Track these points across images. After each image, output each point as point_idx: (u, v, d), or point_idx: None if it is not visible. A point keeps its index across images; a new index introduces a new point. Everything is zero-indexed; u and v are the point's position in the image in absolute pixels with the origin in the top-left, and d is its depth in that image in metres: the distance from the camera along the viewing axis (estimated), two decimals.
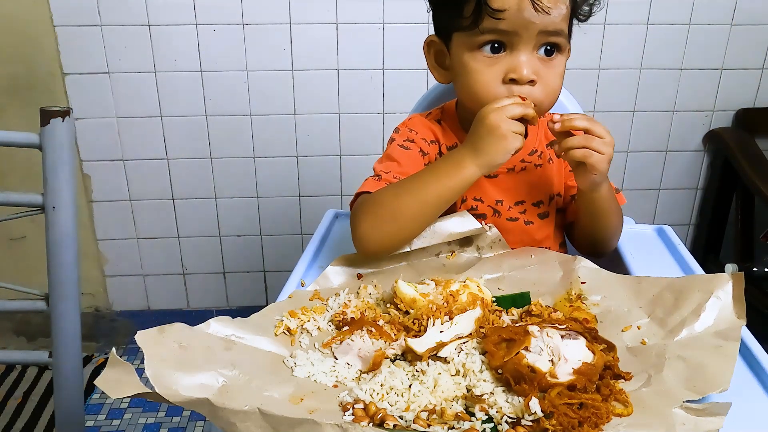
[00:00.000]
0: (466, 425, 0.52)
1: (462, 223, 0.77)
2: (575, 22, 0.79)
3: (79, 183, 1.66)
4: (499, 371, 0.57)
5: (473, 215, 0.81)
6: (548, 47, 0.74)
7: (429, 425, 0.52)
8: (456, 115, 0.86)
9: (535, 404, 0.52)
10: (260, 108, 1.63)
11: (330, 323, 0.68)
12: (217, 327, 0.62)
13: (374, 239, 0.74)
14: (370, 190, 0.77)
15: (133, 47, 1.54)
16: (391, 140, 0.85)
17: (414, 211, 0.74)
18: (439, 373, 0.58)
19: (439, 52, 0.82)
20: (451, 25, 0.76)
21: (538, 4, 0.70)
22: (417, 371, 0.59)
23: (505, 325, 0.65)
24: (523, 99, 0.73)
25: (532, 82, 0.74)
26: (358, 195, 0.79)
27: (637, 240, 0.90)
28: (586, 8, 0.78)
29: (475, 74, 0.75)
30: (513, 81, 0.74)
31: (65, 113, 0.83)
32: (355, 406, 0.53)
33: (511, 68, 0.73)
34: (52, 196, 0.86)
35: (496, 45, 0.74)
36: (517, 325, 0.63)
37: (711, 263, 1.78)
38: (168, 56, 1.56)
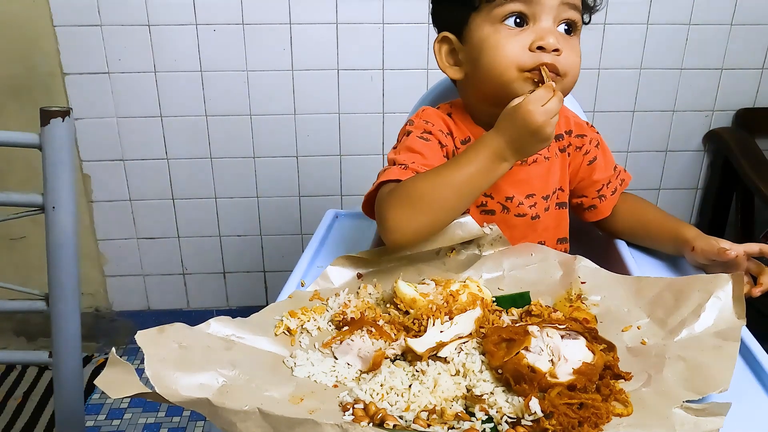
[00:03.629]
0: (466, 425, 0.52)
1: (463, 228, 0.76)
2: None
3: (79, 183, 1.66)
4: (499, 371, 0.57)
5: (482, 211, 0.81)
6: (566, 26, 0.76)
7: (429, 425, 0.52)
8: (466, 112, 0.85)
9: (535, 404, 0.52)
10: (260, 108, 1.63)
11: (330, 323, 0.68)
12: (217, 327, 0.62)
13: (408, 229, 0.72)
14: (400, 178, 0.75)
15: (133, 47, 1.54)
16: (407, 132, 0.82)
17: (452, 202, 0.72)
18: (439, 373, 0.58)
19: (451, 50, 0.81)
20: (467, 9, 0.76)
21: None
22: (417, 371, 0.59)
23: (505, 325, 0.65)
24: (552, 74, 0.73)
25: (557, 51, 0.74)
26: (380, 184, 0.76)
27: None
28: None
29: (499, 47, 0.75)
30: (540, 49, 0.74)
31: (65, 113, 0.83)
32: (355, 406, 0.53)
33: (539, 36, 0.73)
34: (52, 196, 0.86)
35: (518, 20, 0.74)
36: (517, 325, 0.63)
37: None
38: (168, 56, 1.56)
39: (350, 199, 1.72)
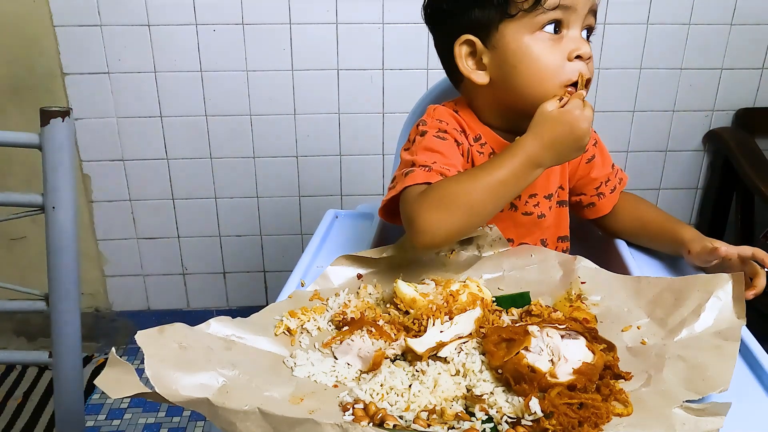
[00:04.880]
0: (466, 425, 0.52)
1: None
2: None
3: (79, 183, 1.66)
4: (499, 371, 0.57)
5: None
6: (587, 31, 0.77)
7: (429, 425, 0.52)
8: (471, 110, 0.84)
9: (535, 404, 0.52)
10: (260, 108, 1.63)
11: (330, 323, 0.68)
12: (217, 327, 0.62)
13: (440, 231, 0.70)
14: (429, 181, 0.73)
15: (133, 47, 1.54)
16: (422, 132, 0.80)
17: (485, 205, 0.71)
18: (439, 373, 0.58)
19: (470, 52, 0.79)
20: (500, 14, 0.75)
21: None
22: (417, 371, 0.59)
23: (505, 325, 0.65)
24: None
25: (590, 59, 0.75)
26: (405, 187, 0.75)
27: None
28: None
29: (541, 58, 0.74)
30: (578, 58, 0.74)
31: (65, 113, 0.83)
32: (355, 406, 0.53)
33: (577, 46, 0.74)
34: (52, 196, 0.86)
35: (555, 27, 0.74)
36: (517, 325, 0.63)
37: None
38: (168, 56, 1.56)
39: (350, 199, 1.72)
